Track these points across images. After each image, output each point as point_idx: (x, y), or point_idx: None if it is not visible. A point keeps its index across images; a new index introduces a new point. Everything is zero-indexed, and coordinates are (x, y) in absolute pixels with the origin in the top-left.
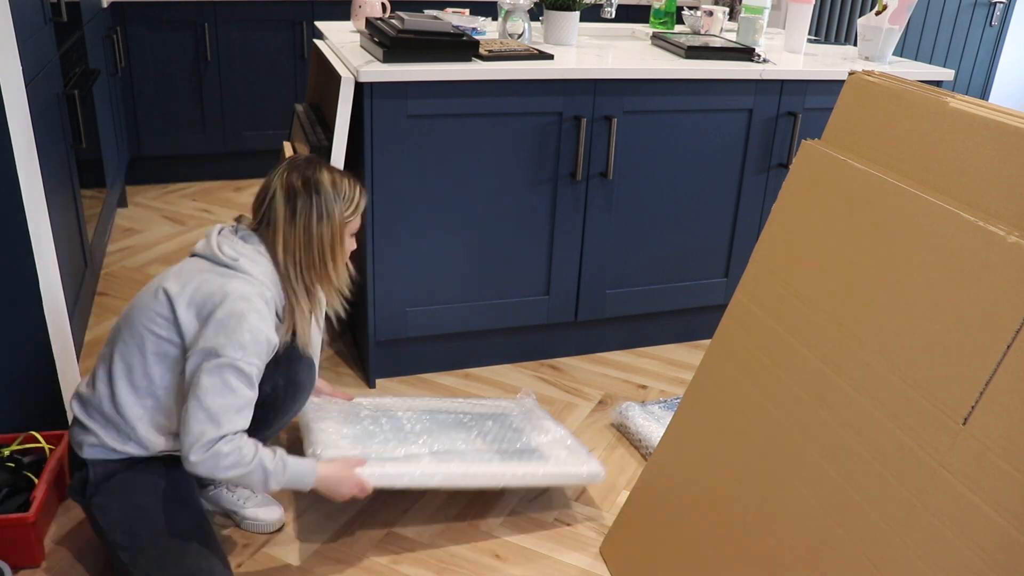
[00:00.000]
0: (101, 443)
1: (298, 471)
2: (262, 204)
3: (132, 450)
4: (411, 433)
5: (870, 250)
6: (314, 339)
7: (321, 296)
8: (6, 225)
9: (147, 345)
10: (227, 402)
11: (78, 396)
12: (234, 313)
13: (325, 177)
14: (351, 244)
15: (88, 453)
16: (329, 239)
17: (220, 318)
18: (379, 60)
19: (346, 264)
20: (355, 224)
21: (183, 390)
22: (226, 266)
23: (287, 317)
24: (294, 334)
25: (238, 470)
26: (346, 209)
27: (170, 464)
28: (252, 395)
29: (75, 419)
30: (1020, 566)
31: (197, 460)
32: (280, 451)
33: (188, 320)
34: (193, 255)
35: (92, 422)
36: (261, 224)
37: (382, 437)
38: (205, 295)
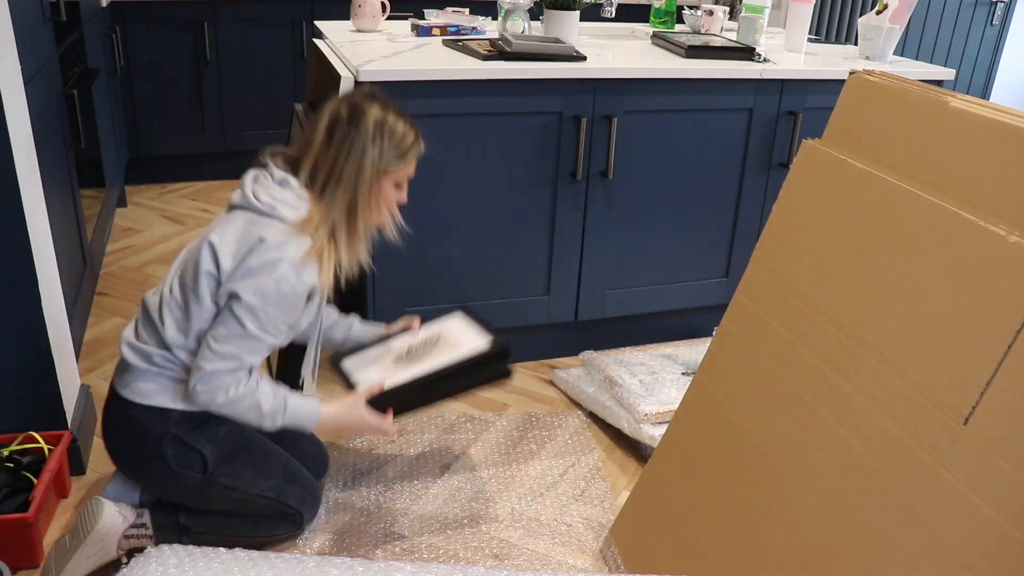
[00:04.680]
0: (162, 390)
1: (299, 413)
2: (306, 131)
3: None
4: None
5: (871, 250)
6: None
7: (356, 251)
8: (5, 225)
9: (203, 295)
10: (238, 348)
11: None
12: (265, 262)
13: (374, 113)
14: (396, 194)
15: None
16: (353, 181)
17: (251, 265)
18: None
19: (391, 215)
20: (401, 173)
21: None
22: (264, 214)
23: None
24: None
25: (236, 406)
26: (388, 154)
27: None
28: (268, 342)
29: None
30: (1020, 566)
31: (200, 390)
32: (283, 390)
33: (229, 270)
34: (231, 207)
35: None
36: (300, 156)
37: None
38: (245, 244)
